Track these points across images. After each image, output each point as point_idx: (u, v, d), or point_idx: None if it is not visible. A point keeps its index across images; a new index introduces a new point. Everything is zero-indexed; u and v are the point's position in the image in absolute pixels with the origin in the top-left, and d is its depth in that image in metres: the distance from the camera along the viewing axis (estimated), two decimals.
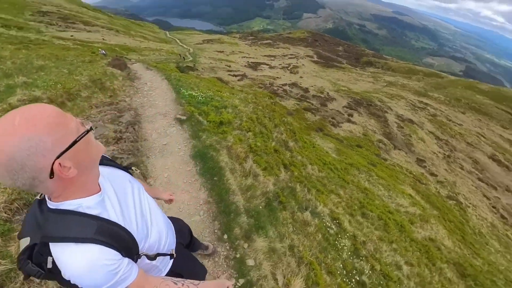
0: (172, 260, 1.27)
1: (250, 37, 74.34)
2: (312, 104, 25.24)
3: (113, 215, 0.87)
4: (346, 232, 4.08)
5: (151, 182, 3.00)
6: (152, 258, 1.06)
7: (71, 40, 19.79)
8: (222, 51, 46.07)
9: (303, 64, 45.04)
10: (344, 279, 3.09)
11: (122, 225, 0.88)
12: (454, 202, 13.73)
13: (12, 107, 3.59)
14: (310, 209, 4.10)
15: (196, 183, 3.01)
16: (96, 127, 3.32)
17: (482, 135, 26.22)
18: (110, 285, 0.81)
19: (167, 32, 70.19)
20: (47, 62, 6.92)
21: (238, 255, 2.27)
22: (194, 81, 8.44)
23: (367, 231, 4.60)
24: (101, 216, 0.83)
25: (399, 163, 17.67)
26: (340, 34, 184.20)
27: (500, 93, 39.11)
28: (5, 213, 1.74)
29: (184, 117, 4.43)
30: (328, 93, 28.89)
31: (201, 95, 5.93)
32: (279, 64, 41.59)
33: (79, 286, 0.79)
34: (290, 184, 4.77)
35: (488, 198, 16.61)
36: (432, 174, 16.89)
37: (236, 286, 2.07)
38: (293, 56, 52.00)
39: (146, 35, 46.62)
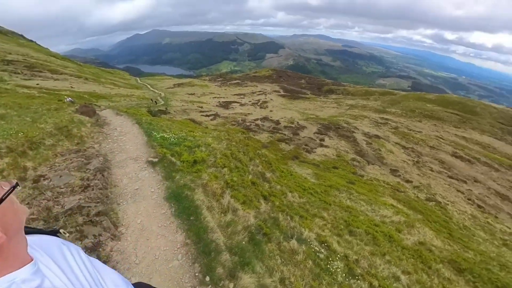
0: None
1: (219, 79, 78.03)
2: (285, 134, 26.09)
3: (58, 282, 0.73)
4: (336, 254, 3.97)
5: (123, 230, 2.76)
6: None
7: (37, 89, 19.14)
8: (193, 94, 47.44)
9: (271, 99, 47.48)
10: None
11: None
12: (434, 203, 14.25)
13: None
14: (295, 236, 3.97)
15: (172, 226, 2.83)
16: (61, 176, 3.09)
17: (440, 138, 28.66)
18: None
19: (137, 78, 71.35)
20: (9, 110, 6.62)
21: None
22: (166, 123, 8.46)
23: (358, 248, 4.53)
24: (43, 287, 0.68)
25: (376, 177, 18.31)
26: (301, 69, 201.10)
27: (445, 99, 44.24)
28: None
29: (156, 159, 4.33)
30: (298, 122, 30.24)
31: (174, 137, 5.91)
32: (249, 101, 43.45)
33: None
34: (272, 214, 4.66)
35: (462, 192, 17.55)
36: (407, 181, 17.64)
37: None
38: (261, 92, 54.88)
39: (117, 82, 46.84)
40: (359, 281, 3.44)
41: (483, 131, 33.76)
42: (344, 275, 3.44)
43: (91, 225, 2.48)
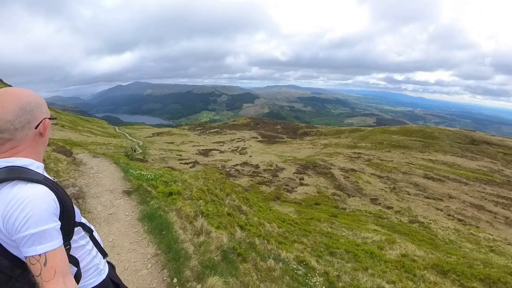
0: (106, 268, 1.21)
1: (198, 128, 79.39)
2: (265, 177, 26.30)
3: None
4: (316, 271, 3.92)
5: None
6: (87, 230, 1.09)
7: None
8: (172, 142, 47.40)
9: (250, 145, 48.77)
10: None
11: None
12: (417, 224, 14.47)
13: None
14: (272, 256, 3.92)
15: (143, 241, 2.80)
16: None
17: (410, 163, 30.44)
18: (34, 232, 0.80)
19: (116, 127, 70.15)
20: None
21: None
22: (144, 165, 8.40)
23: (339, 266, 4.50)
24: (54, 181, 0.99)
25: (358, 208, 18.52)
26: (276, 115, 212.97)
27: (407, 129, 48.48)
28: None
29: (132, 189, 4.32)
30: (277, 165, 30.88)
31: (151, 174, 5.94)
32: (229, 148, 44.18)
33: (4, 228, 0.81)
34: (247, 240, 4.60)
35: (440, 210, 18.07)
36: (388, 207, 18.00)
37: None
38: (240, 139, 56.38)
39: (94, 130, 45.63)
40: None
41: (445, 151, 36.68)
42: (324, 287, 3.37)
43: None
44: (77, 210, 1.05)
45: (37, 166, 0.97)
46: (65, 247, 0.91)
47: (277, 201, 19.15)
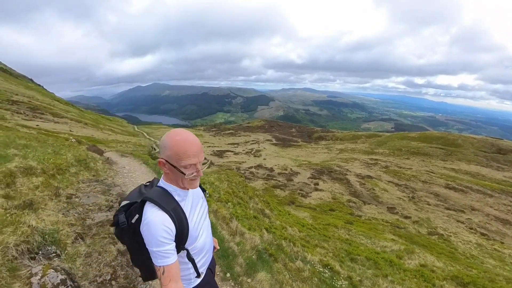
0: (198, 280, 1.44)
1: (213, 129, 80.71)
2: (279, 181, 26.45)
3: (185, 208, 1.25)
4: (340, 275, 4.14)
5: None
6: (190, 257, 1.31)
7: (36, 129, 19.32)
8: None
9: (264, 148, 49.07)
10: None
11: (187, 214, 1.24)
12: (436, 236, 14.09)
13: (11, 171, 3.59)
14: (300, 258, 4.19)
15: None
16: (88, 196, 3.41)
17: (431, 172, 29.45)
18: (156, 251, 1.09)
19: (135, 126, 72.82)
20: (30, 142, 6.97)
21: None
22: None
23: (360, 272, 4.68)
24: (179, 203, 1.22)
25: (374, 216, 18.25)
26: (291, 118, 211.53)
27: (427, 136, 46.75)
28: (15, 252, 1.81)
29: None
30: (291, 169, 30.95)
31: None
32: (243, 150, 44.72)
33: (143, 239, 1.11)
34: (275, 242, 4.91)
35: (462, 222, 17.44)
36: (406, 217, 17.62)
37: None
38: (254, 141, 56.83)
39: (114, 129, 47.55)
40: None
41: (469, 161, 35.13)
42: None
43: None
44: (191, 236, 1.25)
45: (178, 194, 1.24)
46: None
47: (291, 206, 19.23)
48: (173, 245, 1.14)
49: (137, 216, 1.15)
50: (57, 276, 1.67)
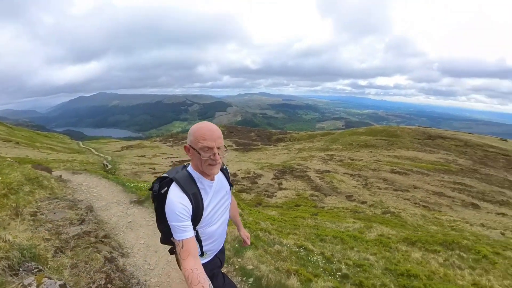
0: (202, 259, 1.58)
1: (171, 139, 76.88)
2: (244, 185, 26.67)
3: (205, 197, 1.39)
4: (314, 252, 4.57)
5: (129, 250, 3.01)
6: (198, 238, 1.44)
7: None
8: (144, 155, 45.43)
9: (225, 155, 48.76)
10: (330, 276, 3.49)
11: (205, 203, 1.39)
12: (389, 214, 15.96)
13: None
14: (277, 243, 4.51)
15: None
16: (55, 212, 3.16)
17: (378, 160, 33.06)
18: (175, 225, 1.25)
19: (80, 142, 64.63)
20: None
21: (237, 266, 2.57)
22: (132, 179, 8.46)
23: (330, 248, 5.21)
24: (200, 190, 1.37)
25: (335, 205, 19.74)
26: (249, 123, 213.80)
27: (373, 130, 52.48)
28: None
29: (142, 198, 4.60)
30: (254, 172, 31.44)
31: (147, 185, 6.17)
32: None
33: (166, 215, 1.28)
34: (252, 233, 5.15)
35: (408, 200, 20.02)
36: (362, 202, 19.48)
37: (248, 284, 2.33)
38: None
39: (55, 147, 41.70)
40: (337, 264, 4.05)
41: (407, 148, 40.35)
42: (324, 262, 4.02)
43: (102, 243, 2.71)
44: (203, 221, 1.40)
45: (200, 181, 1.39)
46: None
47: (259, 207, 19.60)
48: (189, 222, 1.29)
49: (165, 188, 1.33)
50: (55, 283, 1.64)
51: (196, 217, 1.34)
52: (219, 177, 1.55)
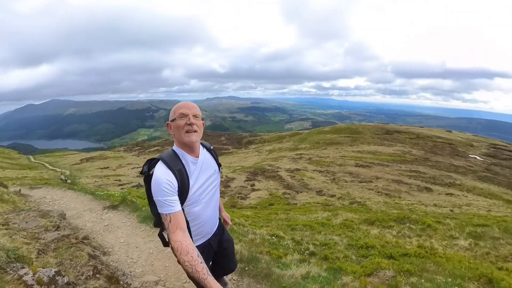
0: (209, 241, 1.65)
1: (136, 148, 72.62)
2: None
3: (191, 173, 1.41)
4: (285, 238, 5.01)
5: (110, 249, 3.12)
6: (186, 220, 1.38)
7: None
8: (107, 167, 42.44)
9: None
10: (299, 254, 3.94)
11: (191, 179, 1.40)
12: (356, 204, 17.32)
13: None
14: (251, 233, 4.85)
15: (155, 234, 3.37)
16: (27, 222, 3.10)
17: (344, 156, 35.34)
18: (161, 199, 1.24)
19: (31, 157, 57.70)
20: None
21: None
22: (101, 189, 8.17)
23: (300, 234, 5.71)
24: (185, 167, 1.39)
25: (307, 201, 20.71)
26: (219, 127, 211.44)
27: (337, 128, 56.02)
28: None
29: (117, 203, 4.61)
30: (227, 175, 31.42)
31: (117, 193, 6.09)
32: None
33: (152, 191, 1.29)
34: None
35: (372, 189, 21.83)
36: (331, 196, 20.75)
37: None
38: None
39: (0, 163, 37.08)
40: (305, 245, 4.53)
41: (369, 143, 43.66)
42: (294, 244, 4.46)
43: (83, 244, 2.79)
44: (189, 199, 1.40)
45: (184, 158, 1.43)
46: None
47: (233, 209, 19.79)
48: (176, 197, 1.28)
49: (153, 169, 1.35)
50: (50, 270, 1.79)
51: (182, 194, 1.33)
52: (205, 155, 1.57)
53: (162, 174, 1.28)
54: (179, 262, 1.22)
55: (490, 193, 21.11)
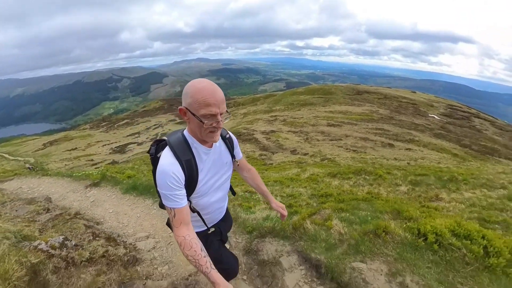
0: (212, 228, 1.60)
1: (103, 123, 68.74)
2: None
3: (201, 165, 1.28)
4: (256, 193, 5.75)
5: (101, 220, 3.55)
6: (192, 210, 1.35)
7: None
8: (75, 148, 40.41)
9: (169, 129, 46.91)
10: (266, 204, 4.66)
11: (200, 171, 1.27)
12: (326, 160, 18.94)
13: None
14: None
15: (140, 200, 3.85)
16: (16, 210, 3.38)
17: (317, 116, 36.82)
18: (166, 193, 1.16)
19: None
20: None
21: None
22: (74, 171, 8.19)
23: (270, 189, 6.50)
24: (195, 157, 1.25)
25: (282, 161, 22.02)
26: None
27: (311, 89, 56.82)
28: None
29: (98, 180, 4.88)
30: None
31: (96, 172, 6.27)
32: (147, 138, 41.55)
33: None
34: None
35: (341, 147, 23.70)
36: (304, 154, 22.25)
37: None
38: (157, 125, 53.13)
39: None
40: (276, 197, 5.31)
41: (340, 103, 45.43)
42: (264, 198, 5.20)
43: (77, 218, 3.18)
44: (197, 192, 1.31)
45: (195, 147, 1.27)
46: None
47: None
48: (182, 191, 1.20)
49: (161, 152, 1.26)
50: (60, 237, 2.19)
51: (190, 186, 1.26)
52: (220, 145, 1.42)
53: (168, 166, 1.17)
54: (183, 255, 1.21)
55: (441, 148, 24.01)
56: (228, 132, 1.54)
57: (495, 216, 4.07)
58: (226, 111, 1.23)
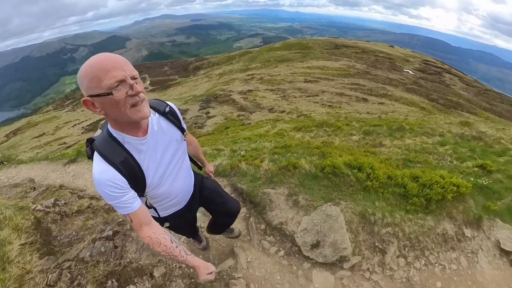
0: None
1: (68, 102, 63.57)
2: None
3: (141, 158, 1.10)
4: (224, 150, 6.35)
5: (84, 188, 4.10)
6: (149, 206, 1.25)
7: None
8: (43, 134, 37.79)
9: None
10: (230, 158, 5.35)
11: (143, 167, 1.11)
12: (303, 116, 19.81)
13: None
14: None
15: None
16: (5, 193, 3.82)
17: (294, 73, 36.70)
18: (112, 203, 1.05)
19: None
20: None
21: None
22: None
23: (239, 146, 7.09)
24: (132, 154, 1.06)
25: (260, 119, 22.65)
26: (158, 56, 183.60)
27: (288, 44, 55.03)
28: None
29: (74, 157, 5.28)
30: (179, 108, 30.88)
31: (71, 151, 6.54)
32: None
33: None
34: None
35: (317, 102, 24.55)
36: (282, 112, 22.96)
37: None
38: None
39: None
40: (239, 151, 5.93)
41: (318, 58, 44.88)
42: (230, 153, 5.87)
43: (62, 189, 3.71)
44: (149, 186, 1.17)
45: (128, 142, 1.07)
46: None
47: None
48: (129, 194, 1.06)
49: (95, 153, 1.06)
50: (51, 200, 2.76)
51: (137, 185, 1.11)
52: (158, 124, 1.20)
53: (100, 174, 1.00)
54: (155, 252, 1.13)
55: (412, 102, 25.31)
56: (167, 103, 1.32)
57: (419, 158, 4.64)
58: (142, 77, 1.22)
